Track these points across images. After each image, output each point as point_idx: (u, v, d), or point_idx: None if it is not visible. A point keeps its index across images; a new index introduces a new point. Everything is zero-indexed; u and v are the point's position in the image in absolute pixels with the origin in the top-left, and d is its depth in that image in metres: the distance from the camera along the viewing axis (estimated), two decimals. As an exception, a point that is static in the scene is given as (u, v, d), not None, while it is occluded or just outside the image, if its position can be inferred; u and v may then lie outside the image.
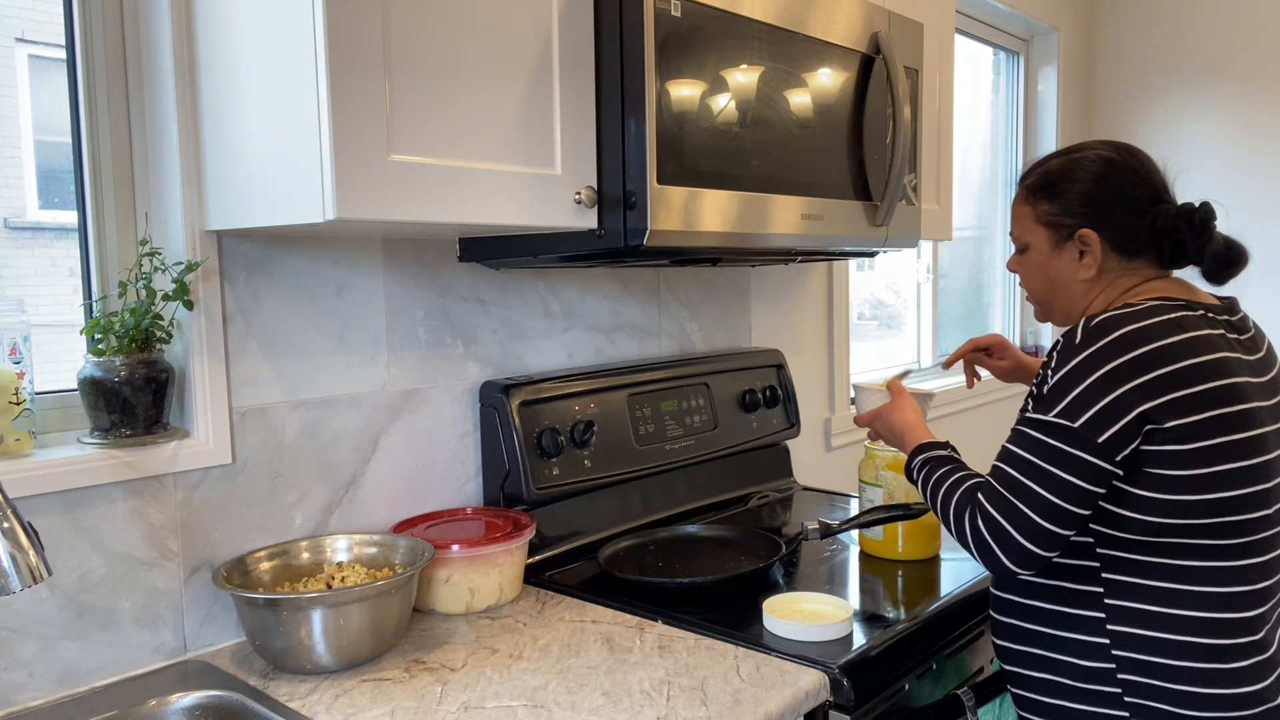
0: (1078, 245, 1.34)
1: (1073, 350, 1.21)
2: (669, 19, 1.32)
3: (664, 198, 1.33)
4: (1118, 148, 1.36)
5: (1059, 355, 1.23)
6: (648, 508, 1.86)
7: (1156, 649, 1.21)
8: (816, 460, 2.52)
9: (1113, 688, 1.24)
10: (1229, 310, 1.31)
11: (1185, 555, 1.20)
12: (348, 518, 1.53)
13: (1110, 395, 1.17)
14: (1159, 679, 1.21)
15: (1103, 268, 1.33)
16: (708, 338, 2.16)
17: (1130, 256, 1.33)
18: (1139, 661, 1.22)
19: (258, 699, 1.20)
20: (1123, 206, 1.31)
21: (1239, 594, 1.21)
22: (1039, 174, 1.38)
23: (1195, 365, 1.18)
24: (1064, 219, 1.34)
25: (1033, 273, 1.41)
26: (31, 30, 1.36)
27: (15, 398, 1.21)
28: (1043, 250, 1.38)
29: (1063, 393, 1.20)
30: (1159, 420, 1.16)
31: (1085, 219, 1.33)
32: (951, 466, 1.33)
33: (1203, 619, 1.20)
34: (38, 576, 0.94)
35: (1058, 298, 1.39)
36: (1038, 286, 1.42)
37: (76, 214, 1.35)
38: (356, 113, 1.10)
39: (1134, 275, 1.33)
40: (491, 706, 1.17)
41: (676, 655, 1.31)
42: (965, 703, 1.38)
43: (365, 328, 1.53)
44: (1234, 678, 1.20)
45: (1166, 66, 3.71)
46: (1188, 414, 1.17)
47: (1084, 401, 1.18)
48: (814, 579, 1.61)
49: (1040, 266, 1.39)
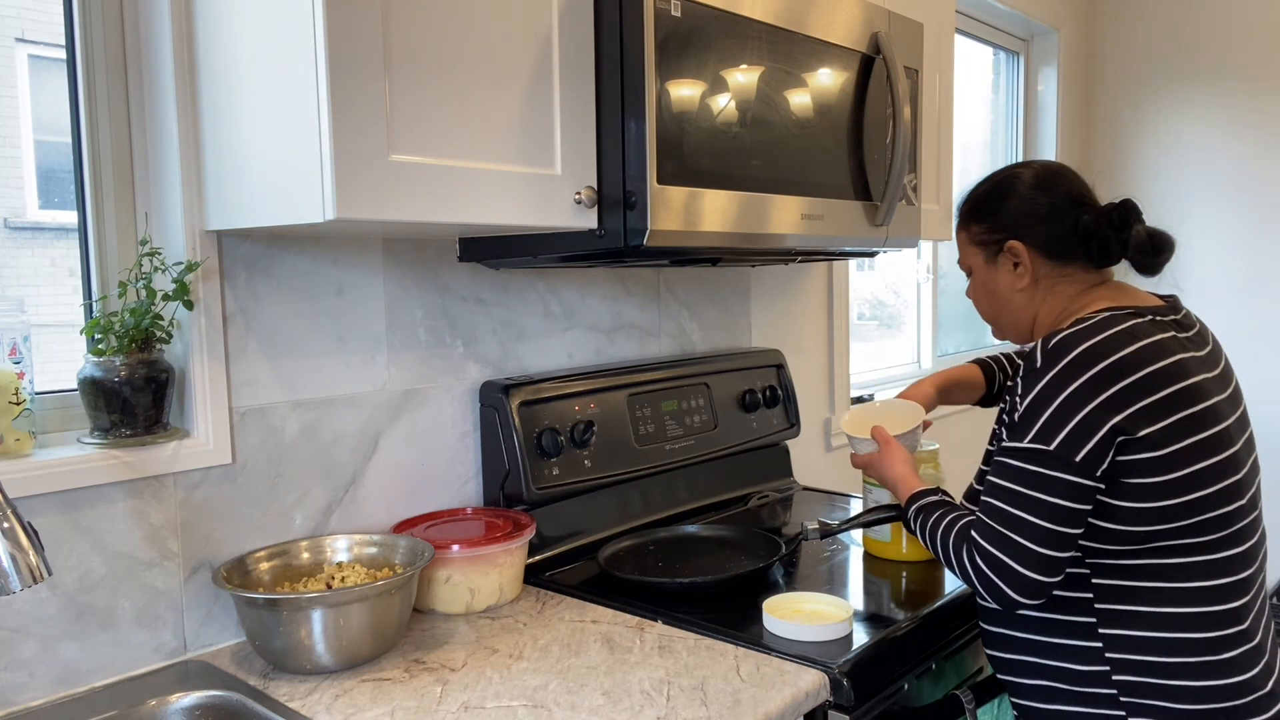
0: (1009, 258, 1.39)
1: (1035, 374, 1.23)
2: (669, 19, 1.32)
3: (664, 198, 1.34)
4: (1038, 164, 1.42)
5: (1023, 381, 1.25)
6: (648, 508, 1.86)
7: (1150, 648, 1.23)
8: (816, 460, 2.52)
9: (1108, 689, 1.25)
10: (1173, 309, 1.33)
11: (1171, 554, 1.22)
12: (348, 518, 1.53)
13: (1080, 414, 1.19)
14: (1154, 676, 1.22)
15: (1036, 275, 1.38)
16: (708, 338, 2.16)
17: (1061, 261, 1.37)
18: (1133, 662, 1.23)
19: (258, 699, 1.20)
20: (1044, 214, 1.36)
21: (1224, 585, 1.23)
22: (970, 200, 1.45)
23: (1156, 372, 1.20)
24: (992, 235, 1.40)
25: (979, 293, 1.47)
26: (31, 30, 1.36)
27: (15, 398, 1.21)
28: (981, 269, 1.44)
29: (1033, 418, 1.22)
30: (1131, 431, 1.18)
31: (1010, 231, 1.38)
32: (943, 510, 1.34)
33: (1192, 614, 1.22)
34: (38, 576, 0.94)
35: (1004, 313, 1.44)
36: (985, 306, 1.47)
37: (76, 214, 1.35)
38: (356, 113, 1.10)
39: (1071, 282, 1.37)
40: (491, 706, 1.17)
41: (676, 655, 1.31)
42: (965, 703, 1.38)
43: (365, 328, 1.53)
44: (1225, 668, 1.22)
45: (1166, 66, 3.71)
46: (1157, 420, 1.19)
47: (1055, 423, 1.20)
48: (814, 579, 1.61)
49: (983, 284, 1.45)
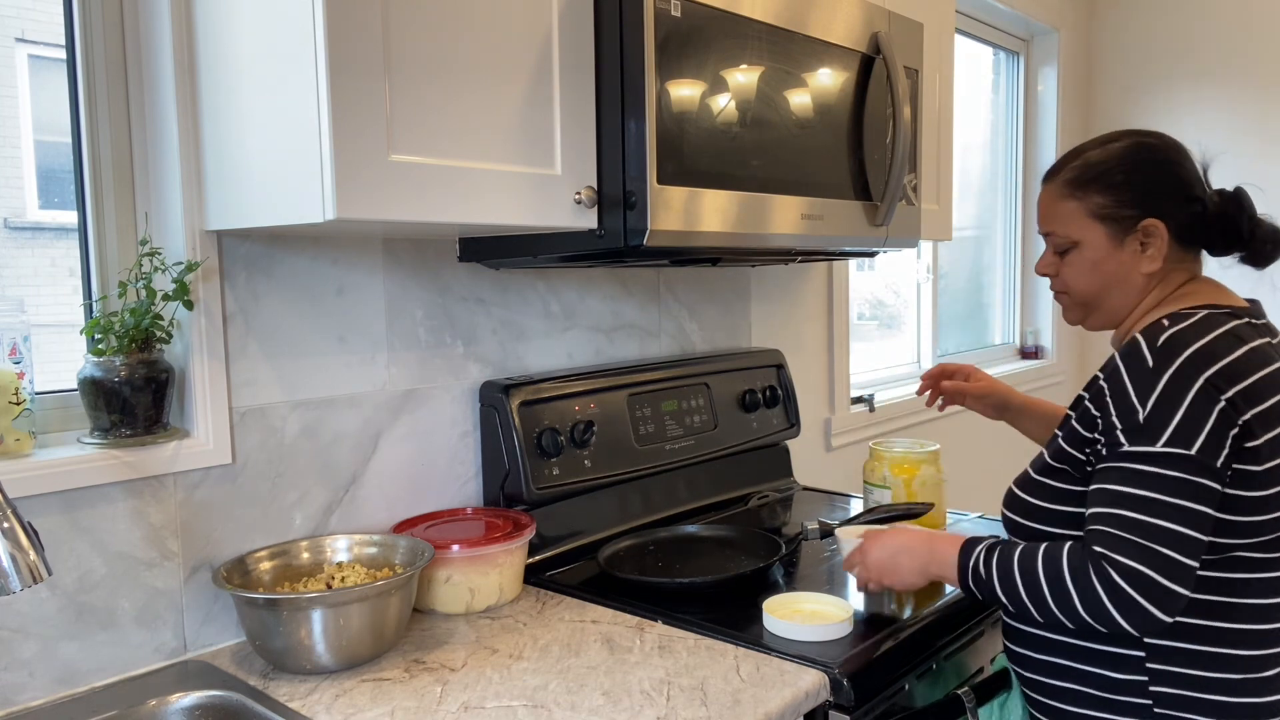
0: (1140, 237, 1.26)
1: (1150, 373, 1.14)
2: (669, 19, 1.32)
3: (664, 198, 1.33)
4: (1152, 134, 1.30)
5: (1133, 379, 1.15)
6: (648, 508, 1.86)
7: (1196, 662, 1.18)
8: (816, 460, 2.52)
9: (1143, 699, 1.21)
10: (1256, 314, 1.27)
11: (1238, 568, 1.17)
12: (348, 518, 1.53)
13: (1212, 415, 1.11)
14: (1194, 690, 1.18)
15: (1164, 259, 1.26)
16: (708, 338, 2.16)
17: (1185, 247, 1.27)
18: (1175, 674, 1.19)
19: (258, 699, 1.20)
20: (1179, 193, 1.26)
21: (1277, 604, 1.19)
22: (1078, 166, 1.30)
23: (1264, 379, 1.15)
24: (1123, 210, 1.26)
25: (1085, 272, 1.31)
26: (31, 30, 1.36)
27: (15, 398, 1.21)
28: (1099, 247, 1.28)
29: (1163, 420, 1.12)
30: (1253, 436, 1.12)
31: (1148, 208, 1.25)
32: (1011, 541, 1.23)
33: (1244, 630, 1.18)
34: (38, 576, 0.94)
35: (1113, 295, 1.30)
36: (1090, 286, 1.31)
37: (76, 214, 1.35)
38: (356, 113, 1.10)
39: (1181, 270, 1.28)
40: (491, 706, 1.17)
41: (676, 655, 1.31)
42: (965, 703, 1.38)
43: (365, 328, 1.53)
44: (1266, 686, 1.19)
45: (1166, 66, 3.71)
46: (1269, 429, 1.14)
47: (1190, 426, 1.11)
48: (814, 579, 1.61)
49: (1096, 264, 1.29)
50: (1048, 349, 3.79)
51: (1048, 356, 3.78)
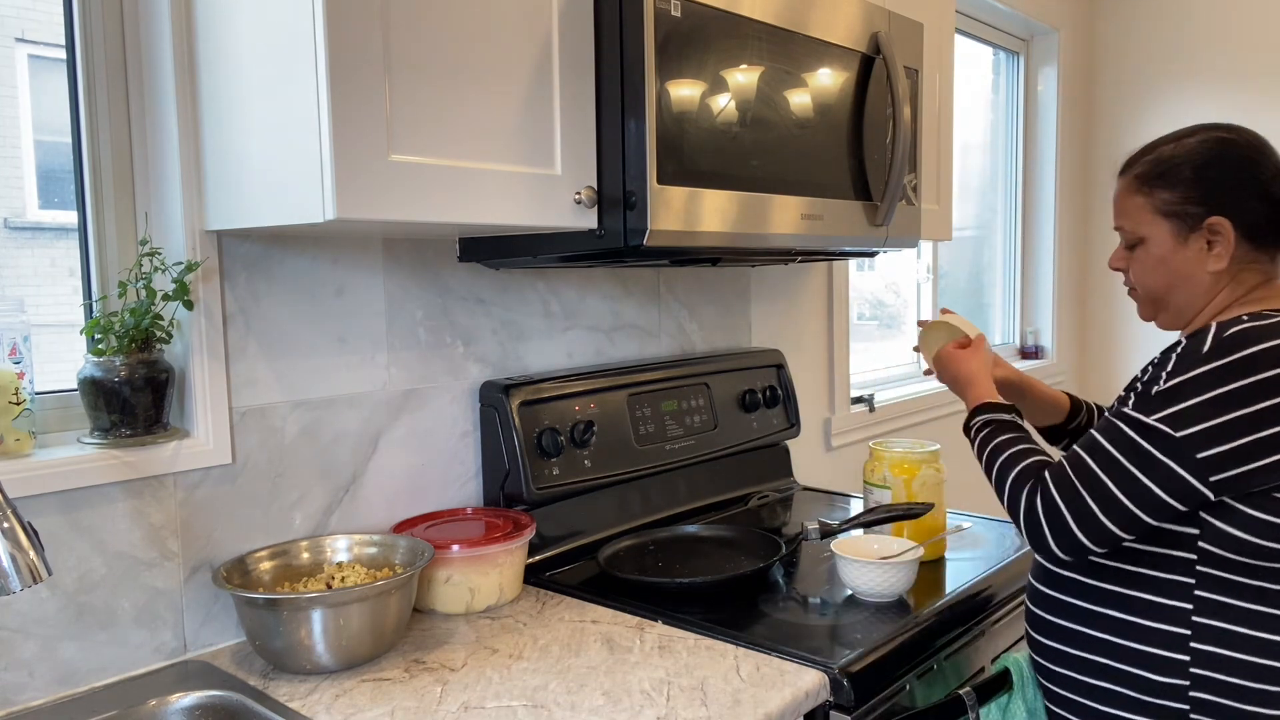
0: (1205, 235, 1.24)
1: (1198, 358, 1.14)
2: (669, 19, 1.32)
3: (664, 198, 1.33)
4: (1231, 129, 1.27)
5: (1180, 358, 1.16)
6: (648, 508, 1.86)
7: (1237, 670, 1.18)
8: (816, 460, 2.52)
9: (1180, 703, 1.20)
10: None
11: None
12: (348, 518, 1.53)
13: (1226, 416, 1.11)
14: (1232, 699, 1.18)
15: (1232, 258, 1.24)
16: (708, 338, 2.16)
17: (1258, 246, 1.24)
18: (1216, 681, 1.18)
19: (258, 699, 1.20)
20: (1251, 190, 1.23)
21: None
22: (1149, 161, 1.29)
23: None
24: (1189, 207, 1.24)
25: (1151, 268, 1.29)
26: (31, 30, 1.36)
27: (15, 398, 1.21)
28: (1164, 243, 1.27)
29: (1173, 399, 1.13)
30: None
31: (1215, 206, 1.23)
32: (1018, 435, 1.31)
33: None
34: (38, 576, 0.94)
35: (1180, 294, 1.28)
36: (1156, 282, 1.30)
37: (76, 214, 1.35)
38: (356, 113, 1.10)
39: (1254, 272, 1.25)
40: (491, 706, 1.17)
41: (676, 655, 1.31)
42: (967, 703, 1.38)
43: (365, 328, 1.53)
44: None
45: (1166, 66, 3.71)
46: None
47: (1194, 415, 1.12)
48: (814, 579, 1.61)
49: (1162, 261, 1.28)
50: (1048, 349, 3.79)
51: (1048, 356, 3.78)
